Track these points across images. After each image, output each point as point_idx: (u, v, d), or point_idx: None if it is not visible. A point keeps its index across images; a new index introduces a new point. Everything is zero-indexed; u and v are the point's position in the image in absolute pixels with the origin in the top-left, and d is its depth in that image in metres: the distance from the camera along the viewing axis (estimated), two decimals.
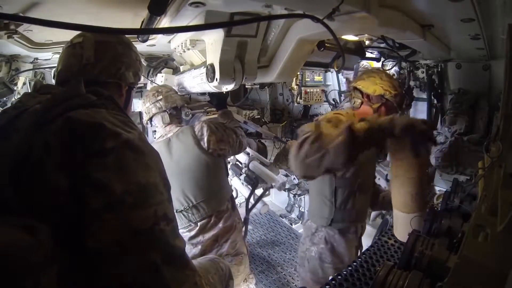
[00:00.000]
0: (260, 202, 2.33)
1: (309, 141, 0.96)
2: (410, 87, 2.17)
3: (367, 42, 1.58)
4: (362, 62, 2.78)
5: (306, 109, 3.74)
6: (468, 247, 0.60)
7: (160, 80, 2.19)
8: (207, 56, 1.50)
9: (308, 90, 3.25)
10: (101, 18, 1.20)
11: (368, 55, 2.33)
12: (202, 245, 1.81)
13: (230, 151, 1.90)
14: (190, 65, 2.07)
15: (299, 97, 3.28)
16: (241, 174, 2.46)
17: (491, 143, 0.94)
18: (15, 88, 1.91)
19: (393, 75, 2.37)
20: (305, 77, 3.25)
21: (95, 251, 0.58)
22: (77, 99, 0.69)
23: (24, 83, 1.97)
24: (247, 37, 1.39)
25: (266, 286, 2.73)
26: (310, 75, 3.28)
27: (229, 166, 2.50)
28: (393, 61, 2.41)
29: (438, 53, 1.98)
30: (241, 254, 1.97)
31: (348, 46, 1.95)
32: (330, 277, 1.21)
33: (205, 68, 1.51)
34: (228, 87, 1.58)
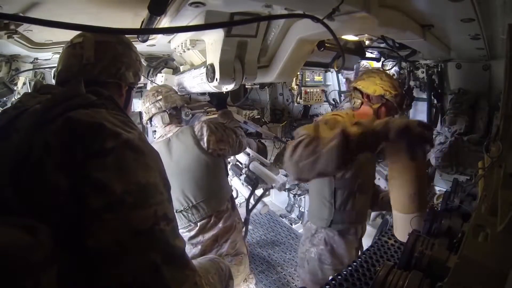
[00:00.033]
0: (260, 203, 2.33)
1: (303, 145, 0.96)
2: (410, 87, 2.18)
3: (367, 42, 1.58)
4: (362, 62, 2.78)
5: (306, 109, 3.74)
6: (468, 247, 0.60)
7: (160, 80, 2.19)
8: (207, 56, 1.50)
9: (308, 90, 3.24)
10: (101, 18, 1.20)
11: (368, 55, 2.33)
12: (202, 245, 1.81)
13: (230, 151, 1.90)
14: (190, 65, 2.07)
15: (299, 97, 3.28)
16: (241, 175, 2.46)
17: (491, 143, 0.94)
18: (15, 88, 1.91)
19: (393, 75, 2.37)
20: (305, 77, 3.24)
21: (95, 251, 0.58)
22: (77, 99, 0.70)
23: (24, 83, 1.97)
24: (247, 37, 1.39)
25: (266, 286, 2.73)
26: (310, 75, 3.27)
27: (229, 167, 2.50)
28: (393, 61, 2.41)
29: (438, 53, 1.98)
30: (241, 254, 1.97)
31: (348, 46, 1.95)
32: (330, 277, 1.21)
33: (205, 68, 1.51)
34: (228, 87, 1.58)
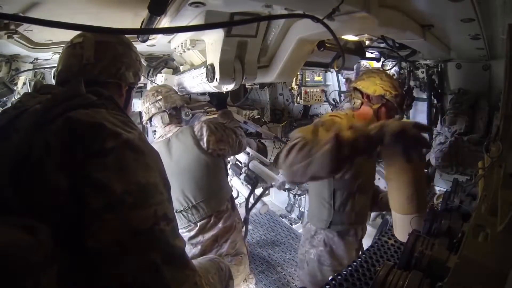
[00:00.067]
0: (260, 202, 2.33)
1: (296, 148, 0.95)
2: (410, 87, 2.17)
3: (367, 42, 1.58)
4: (363, 62, 2.78)
5: (306, 109, 3.74)
6: (468, 247, 0.60)
7: (160, 80, 2.19)
8: (207, 56, 1.50)
9: (308, 90, 3.24)
10: (101, 18, 1.20)
11: (368, 55, 2.33)
12: (202, 245, 1.81)
13: (230, 151, 1.90)
14: (190, 65, 2.07)
15: (299, 97, 3.28)
16: (241, 174, 2.46)
17: (491, 143, 0.94)
18: (15, 88, 1.91)
19: (393, 75, 2.37)
20: (305, 77, 3.24)
21: (95, 251, 0.58)
22: (77, 99, 0.70)
23: (24, 83, 1.97)
24: (247, 37, 1.39)
25: (266, 286, 2.72)
26: (310, 75, 3.27)
27: (229, 166, 2.50)
28: (393, 61, 2.41)
29: (438, 53, 1.98)
30: (241, 254, 1.97)
31: (348, 46, 1.95)
32: (330, 277, 1.21)
33: (205, 68, 1.51)
34: (228, 87, 1.58)
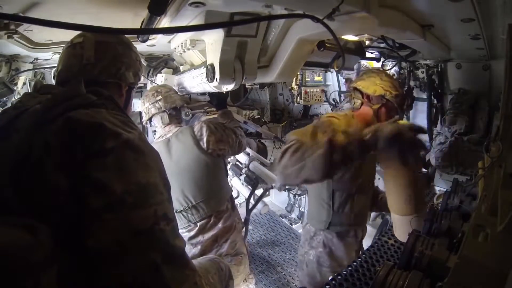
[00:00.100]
0: (261, 203, 2.33)
1: (290, 151, 0.95)
2: (410, 87, 2.17)
3: (367, 42, 1.58)
4: (363, 62, 2.78)
5: (306, 109, 3.74)
6: (468, 247, 0.60)
7: (160, 80, 2.19)
8: (207, 56, 1.50)
9: (308, 90, 3.25)
10: (101, 18, 1.20)
11: (368, 55, 2.33)
12: (202, 245, 1.81)
13: (230, 151, 1.90)
14: (190, 65, 2.07)
15: (299, 97, 3.28)
16: (241, 175, 2.46)
17: (491, 143, 0.94)
18: (15, 88, 1.91)
19: (393, 75, 2.37)
20: (305, 77, 3.24)
21: (95, 251, 0.58)
22: (77, 99, 0.69)
23: (24, 83, 1.97)
24: (247, 37, 1.38)
25: (266, 286, 2.72)
26: (310, 75, 3.27)
27: (229, 167, 2.50)
28: (393, 61, 2.41)
29: (438, 53, 1.98)
30: (241, 254, 1.97)
31: (348, 46, 1.95)
32: (330, 277, 1.21)
33: (205, 68, 1.51)
34: (228, 87, 1.57)
